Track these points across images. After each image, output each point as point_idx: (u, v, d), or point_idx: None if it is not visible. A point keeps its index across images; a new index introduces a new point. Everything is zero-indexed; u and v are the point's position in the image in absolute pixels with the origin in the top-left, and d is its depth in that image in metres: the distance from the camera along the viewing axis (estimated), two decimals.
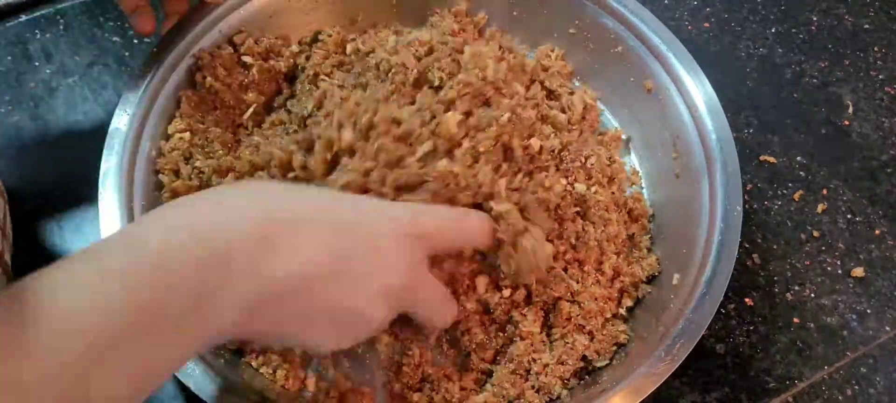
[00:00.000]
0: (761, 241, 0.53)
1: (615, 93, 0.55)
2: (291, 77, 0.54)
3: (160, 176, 0.47)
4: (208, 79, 0.49)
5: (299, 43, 0.55)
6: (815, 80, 0.62)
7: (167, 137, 0.48)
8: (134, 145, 0.46)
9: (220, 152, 0.48)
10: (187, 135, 0.48)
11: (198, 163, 0.47)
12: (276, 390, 0.41)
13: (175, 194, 0.46)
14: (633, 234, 0.49)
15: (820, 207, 0.55)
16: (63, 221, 0.52)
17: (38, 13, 0.62)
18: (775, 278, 0.52)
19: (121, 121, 0.46)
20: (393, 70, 0.45)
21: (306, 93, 0.51)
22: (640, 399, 0.39)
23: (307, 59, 0.53)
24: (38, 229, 0.52)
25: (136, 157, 0.45)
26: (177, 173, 0.47)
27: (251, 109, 0.51)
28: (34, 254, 0.51)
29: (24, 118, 0.57)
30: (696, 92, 0.49)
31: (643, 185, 0.53)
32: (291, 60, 0.53)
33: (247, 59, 0.52)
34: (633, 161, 0.54)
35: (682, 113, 0.50)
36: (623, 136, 0.54)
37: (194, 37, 0.50)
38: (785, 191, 0.56)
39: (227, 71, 0.50)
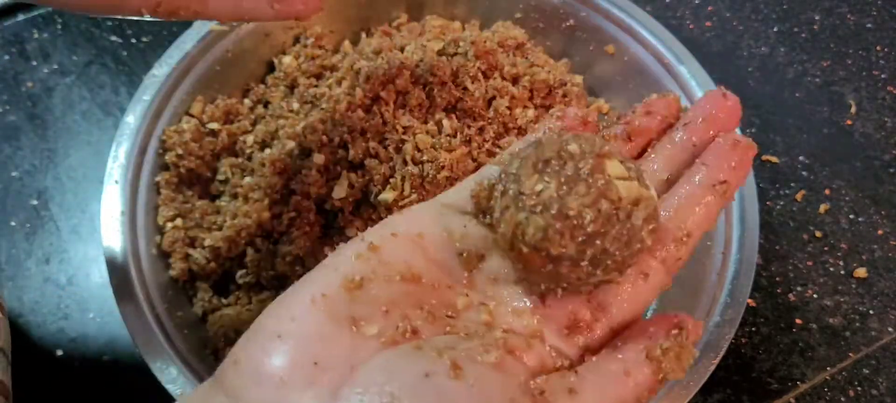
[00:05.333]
0: (763, 242, 0.53)
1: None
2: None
3: (171, 271, 0.45)
4: (183, 158, 0.47)
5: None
6: (817, 80, 0.62)
7: (160, 231, 0.46)
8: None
9: (224, 220, 0.46)
10: (179, 220, 0.46)
11: (207, 243, 0.45)
12: None
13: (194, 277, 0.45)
14: None
15: (822, 207, 0.55)
16: (61, 223, 0.52)
17: (35, 12, 0.62)
18: (777, 278, 0.51)
19: (113, 237, 0.43)
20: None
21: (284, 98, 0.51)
22: None
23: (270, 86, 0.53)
24: (35, 231, 0.52)
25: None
26: (187, 257, 0.45)
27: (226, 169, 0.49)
28: (34, 258, 0.51)
29: (22, 118, 0.57)
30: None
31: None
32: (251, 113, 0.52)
33: (212, 126, 0.50)
34: None
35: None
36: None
37: (152, 118, 0.47)
38: (787, 191, 0.55)
39: (197, 143, 0.48)
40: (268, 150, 0.47)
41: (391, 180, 0.42)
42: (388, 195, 0.42)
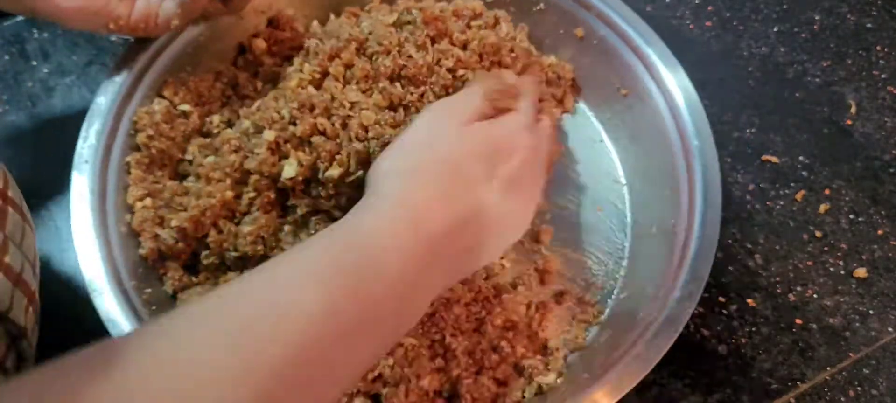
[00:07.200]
0: (763, 242, 0.53)
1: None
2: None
3: (141, 251, 0.45)
4: (154, 139, 0.47)
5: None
6: (817, 80, 0.62)
7: (130, 209, 0.46)
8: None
9: (190, 201, 0.46)
10: (149, 200, 0.46)
11: (174, 223, 0.45)
12: None
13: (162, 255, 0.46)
14: None
15: (822, 207, 0.55)
16: (61, 222, 0.52)
17: None
18: (777, 279, 0.51)
19: (82, 215, 0.43)
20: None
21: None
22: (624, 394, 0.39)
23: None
24: (35, 231, 0.52)
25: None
26: (157, 237, 0.45)
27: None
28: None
29: (22, 117, 0.57)
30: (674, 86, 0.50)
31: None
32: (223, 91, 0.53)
33: (184, 107, 0.50)
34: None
35: (665, 116, 0.50)
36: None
37: (123, 99, 0.47)
38: (787, 191, 0.55)
39: (168, 125, 0.48)
40: (229, 130, 0.47)
41: (337, 156, 0.42)
42: (334, 171, 0.42)
